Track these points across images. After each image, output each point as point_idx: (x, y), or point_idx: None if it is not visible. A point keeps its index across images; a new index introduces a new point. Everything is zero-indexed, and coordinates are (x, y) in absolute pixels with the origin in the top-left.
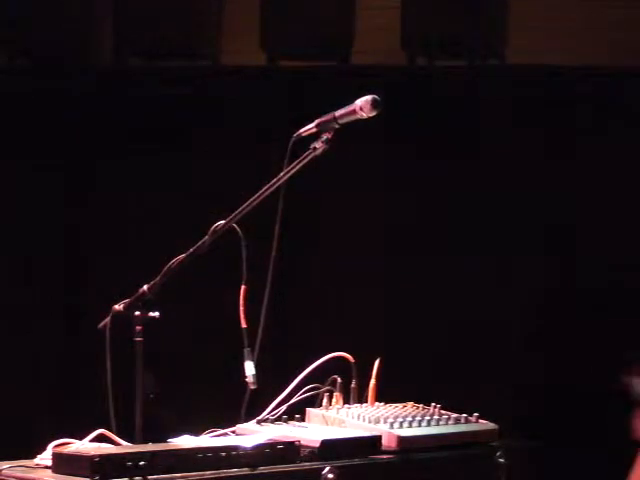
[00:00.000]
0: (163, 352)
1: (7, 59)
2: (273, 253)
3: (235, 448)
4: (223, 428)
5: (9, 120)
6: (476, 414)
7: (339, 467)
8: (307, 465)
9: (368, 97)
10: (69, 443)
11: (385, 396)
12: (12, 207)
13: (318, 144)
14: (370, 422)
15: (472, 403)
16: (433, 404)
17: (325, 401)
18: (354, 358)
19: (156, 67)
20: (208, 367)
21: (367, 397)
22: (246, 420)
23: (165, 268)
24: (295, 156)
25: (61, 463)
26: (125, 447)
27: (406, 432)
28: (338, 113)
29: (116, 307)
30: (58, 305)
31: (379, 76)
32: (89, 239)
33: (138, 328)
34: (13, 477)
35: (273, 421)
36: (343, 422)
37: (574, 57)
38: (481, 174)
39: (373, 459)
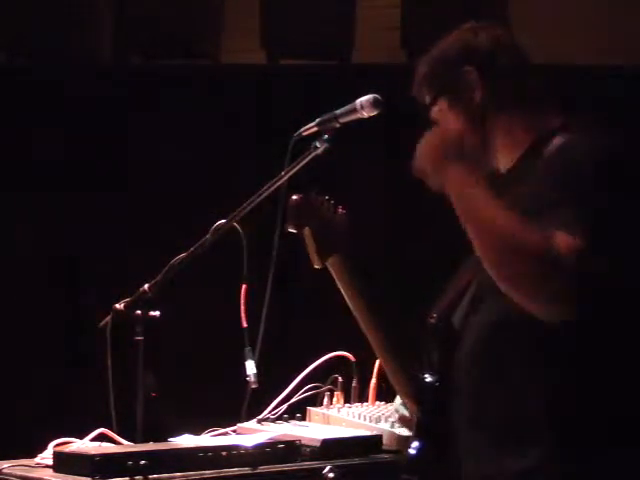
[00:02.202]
0: (164, 351)
1: (7, 59)
2: (274, 253)
3: (236, 447)
4: (224, 427)
5: (9, 120)
6: None
7: (340, 466)
8: (308, 464)
9: (369, 96)
10: (70, 442)
11: (386, 395)
12: (11, 211)
13: (319, 143)
14: (371, 421)
15: None
16: None
17: (326, 400)
18: (355, 357)
19: (156, 66)
20: (208, 366)
21: (368, 396)
22: (247, 419)
23: (166, 267)
24: (295, 156)
25: (62, 462)
26: (126, 446)
27: (407, 431)
28: (339, 112)
29: (117, 306)
30: (58, 305)
31: (379, 75)
32: (89, 239)
33: (139, 327)
34: (14, 476)
35: (274, 420)
36: (344, 421)
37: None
38: None
39: (374, 458)
